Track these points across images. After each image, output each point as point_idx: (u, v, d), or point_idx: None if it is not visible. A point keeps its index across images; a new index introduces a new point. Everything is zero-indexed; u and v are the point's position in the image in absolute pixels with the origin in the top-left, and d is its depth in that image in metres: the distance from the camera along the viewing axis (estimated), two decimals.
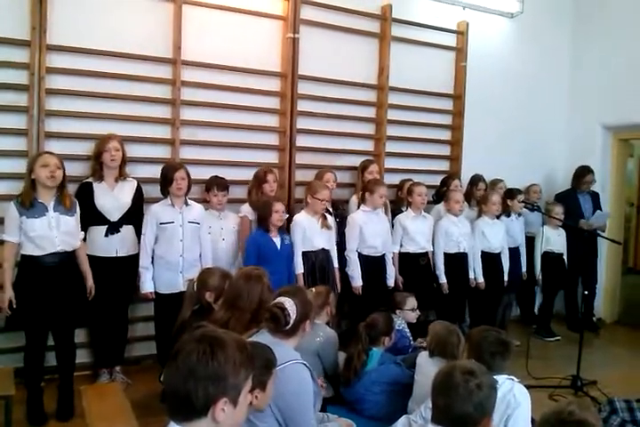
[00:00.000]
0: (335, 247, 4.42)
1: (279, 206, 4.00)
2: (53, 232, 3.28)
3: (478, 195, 5.36)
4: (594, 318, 5.97)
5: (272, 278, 2.85)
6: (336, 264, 4.40)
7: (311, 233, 4.22)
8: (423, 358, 3.09)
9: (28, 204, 3.23)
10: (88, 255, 3.64)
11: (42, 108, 3.82)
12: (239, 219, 4.34)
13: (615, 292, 6.38)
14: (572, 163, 6.14)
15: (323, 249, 4.30)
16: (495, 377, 2.00)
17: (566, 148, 6.43)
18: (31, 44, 3.77)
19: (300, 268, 4.20)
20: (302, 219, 4.24)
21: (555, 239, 5.49)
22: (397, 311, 4.06)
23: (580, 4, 6.36)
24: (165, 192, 3.92)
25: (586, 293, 4.61)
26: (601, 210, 5.81)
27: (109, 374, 3.94)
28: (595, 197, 5.86)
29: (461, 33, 5.62)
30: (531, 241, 5.46)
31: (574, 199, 5.75)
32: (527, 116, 6.12)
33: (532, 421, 2.43)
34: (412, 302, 4.12)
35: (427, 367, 2.97)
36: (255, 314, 2.59)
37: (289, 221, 4.32)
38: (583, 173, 5.75)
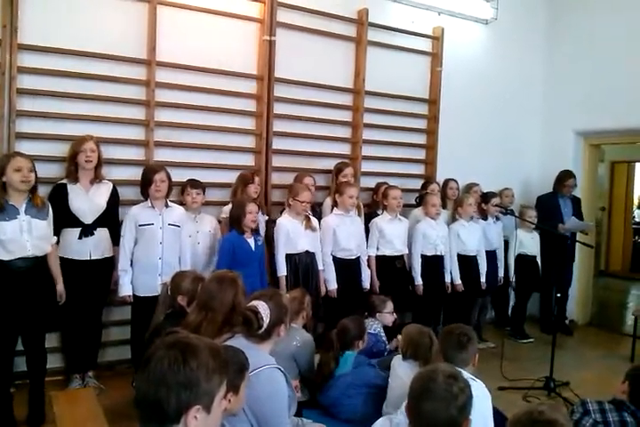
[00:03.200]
0: (320, 249, 4.40)
1: (252, 207, 3.95)
2: (24, 236, 3.20)
3: (451, 194, 5.44)
4: (566, 321, 6.06)
5: (247, 281, 2.83)
6: (321, 266, 4.39)
7: (295, 235, 4.20)
8: (397, 360, 3.10)
9: None
10: (61, 258, 3.59)
11: (13, 108, 3.74)
12: (215, 222, 4.31)
13: (587, 294, 6.50)
14: (545, 167, 6.27)
15: (307, 252, 4.28)
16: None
17: (539, 153, 6.54)
18: (1, 43, 3.69)
19: (282, 270, 4.17)
20: (286, 222, 4.22)
21: (528, 242, 5.57)
22: (377, 315, 4.07)
23: (554, 12, 6.47)
24: (145, 194, 3.88)
25: (558, 295, 4.67)
26: (581, 214, 5.90)
27: (81, 379, 3.87)
28: (575, 202, 5.94)
29: (437, 38, 5.68)
30: (505, 244, 5.53)
31: (555, 203, 5.83)
32: (501, 121, 6.21)
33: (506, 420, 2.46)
34: (390, 305, 4.13)
35: (400, 370, 2.98)
36: (228, 317, 2.56)
37: (268, 223, 4.32)
38: (565, 177, 5.83)
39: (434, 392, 1.80)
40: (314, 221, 4.36)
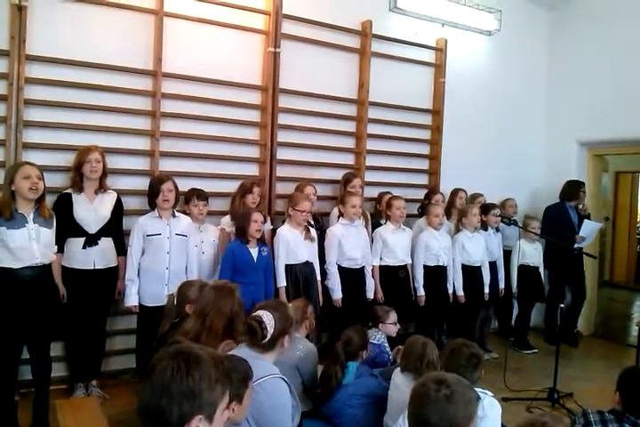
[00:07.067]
0: (318, 260, 4.42)
1: (258, 216, 3.96)
2: (33, 244, 3.23)
3: (459, 204, 5.45)
4: (575, 331, 6.02)
5: (248, 289, 2.84)
6: (319, 277, 4.40)
7: (295, 245, 4.21)
8: (396, 372, 3.09)
9: (7, 215, 3.17)
10: (66, 267, 3.66)
11: (20, 118, 3.78)
12: (219, 231, 4.33)
13: (592, 305, 6.46)
14: (549, 178, 6.28)
15: (307, 262, 4.29)
16: None
17: (543, 163, 6.54)
18: (10, 53, 3.74)
19: (282, 281, 4.17)
20: (285, 232, 4.23)
21: (531, 253, 5.57)
22: (380, 325, 4.06)
23: (556, 23, 6.50)
24: (152, 204, 3.90)
25: (562, 306, 4.65)
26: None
27: (85, 388, 3.87)
28: (578, 211, 5.92)
29: (440, 49, 5.72)
30: (507, 255, 5.52)
31: (564, 212, 5.78)
32: (505, 131, 6.23)
33: None
34: (393, 315, 4.12)
35: (398, 381, 2.97)
36: (227, 328, 2.58)
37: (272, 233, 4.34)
38: (580, 184, 5.83)
39: (419, 396, 1.76)
40: (312, 231, 4.37)
